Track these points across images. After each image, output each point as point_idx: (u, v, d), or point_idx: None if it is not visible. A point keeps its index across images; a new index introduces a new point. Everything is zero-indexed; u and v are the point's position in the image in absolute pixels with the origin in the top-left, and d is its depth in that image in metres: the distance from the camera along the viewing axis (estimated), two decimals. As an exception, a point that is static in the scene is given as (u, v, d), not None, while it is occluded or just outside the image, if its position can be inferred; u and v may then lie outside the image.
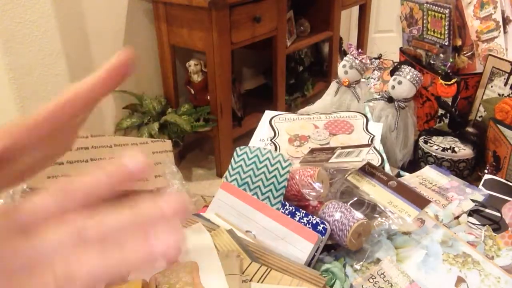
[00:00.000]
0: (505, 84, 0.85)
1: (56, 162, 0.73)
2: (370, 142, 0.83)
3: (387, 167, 0.80)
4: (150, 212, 0.25)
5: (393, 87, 0.87)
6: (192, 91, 2.17)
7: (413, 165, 0.90)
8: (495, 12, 0.91)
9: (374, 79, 1.18)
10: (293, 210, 0.62)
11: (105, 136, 0.82)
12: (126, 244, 0.24)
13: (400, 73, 0.87)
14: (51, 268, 0.23)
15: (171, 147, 0.87)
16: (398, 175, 0.84)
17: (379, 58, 1.19)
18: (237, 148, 0.72)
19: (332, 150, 0.73)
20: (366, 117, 0.90)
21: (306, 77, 2.73)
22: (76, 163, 0.75)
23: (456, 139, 0.88)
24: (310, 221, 0.60)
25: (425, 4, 0.92)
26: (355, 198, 0.67)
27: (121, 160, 0.27)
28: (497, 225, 0.66)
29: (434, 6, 0.90)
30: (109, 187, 0.27)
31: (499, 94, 0.87)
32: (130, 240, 0.24)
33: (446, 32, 0.89)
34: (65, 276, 0.23)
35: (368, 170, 0.72)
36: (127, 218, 0.25)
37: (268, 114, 0.93)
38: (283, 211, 0.63)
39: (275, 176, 0.66)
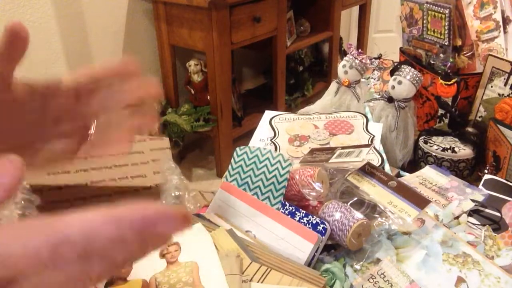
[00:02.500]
0: (505, 84, 0.85)
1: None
2: (370, 142, 0.83)
3: (387, 167, 0.80)
4: None
5: (393, 87, 0.87)
6: (192, 91, 2.17)
7: (413, 165, 0.90)
8: (495, 12, 0.91)
9: (374, 79, 1.18)
10: (293, 210, 0.62)
11: None
12: None
13: (400, 73, 0.87)
14: None
15: (169, 144, 0.88)
16: (398, 175, 0.84)
17: (379, 58, 1.19)
18: (237, 148, 0.72)
19: (332, 150, 0.73)
20: (366, 117, 0.90)
21: (306, 77, 2.73)
22: (75, 160, 0.77)
23: (456, 139, 0.88)
24: (310, 221, 0.60)
25: (425, 4, 0.92)
26: (355, 198, 0.67)
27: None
28: (497, 225, 0.66)
29: (434, 6, 0.90)
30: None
31: (499, 94, 0.87)
32: None
33: (446, 32, 0.89)
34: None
35: (368, 170, 0.72)
36: None
37: (268, 114, 0.93)
38: (283, 211, 0.63)
39: (275, 176, 0.66)
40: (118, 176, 0.77)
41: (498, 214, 0.68)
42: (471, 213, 0.69)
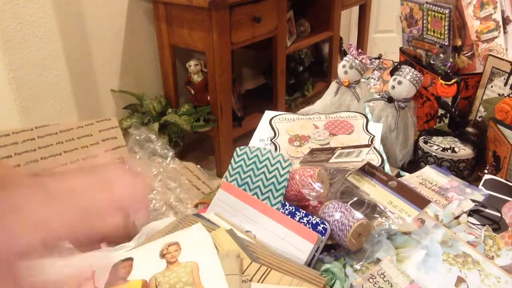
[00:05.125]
0: (505, 84, 0.85)
1: (4, 156, 0.77)
2: (370, 142, 0.83)
3: (387, 167, 0.80)
4: None
5: (393, 87, 0.87)
6: (192, 91, 2.17)
7: (413, 165, 0.90)
8: (495, 12, 0.91)
9: (374, 79, 1.18)
10: (293, 210, 0.62)
11: (50, 125, 0.87)
12: None
13: (400, 73, 0.87)
14: None
15: (117, 123, 0.93)
16: (398, 175, 0.84)
17: (379, 58, 1.19)
18: (237, 148, 0.72)
19: (332, 150, 0.73)
20: (366, 117, 0.90)
21: (306, 77, 2.73)
22: (25, 154, 0.80)
23: (456, 139, 0.88)
24: (310, 221, 0.60)
25: (425, 4, 0.92)
26: (355, 198, 0.67)
27: None
28: (497, 225, 0.66)
29: (434, 6, 0.90)
30: None
31: (499, 94, 0.87)
32: None
33: (446, 32, 0.89)
34: None
35: (368, 170, 0.72)
36: None
37: (268, 114, 0.93)
38: (283, 211, 0.63)
39: (275, 176, 0.66)
40: (69, 160, 0.81)
41: (498, 214, 0.68)
42: (471, 213, 0.69)
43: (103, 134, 0.88)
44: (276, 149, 0.82)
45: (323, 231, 0.59)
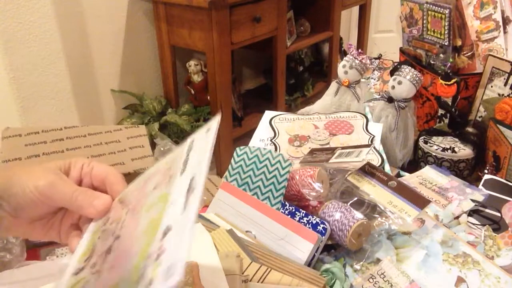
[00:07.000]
0: (505, 84, 0.85)
1: (32, 155, 0.75)
2: (370, 143, 0.83)
3: (387, 167, 0.80)
4: None
5: (393, 87, 0.87)
6: (192, 91, 2.17)
7: (413, 165, 0.90)
8: (495, 12, 0.91)
9: (374, 79, 1.18)
10: (293, 210, 0.62)
11: (79, 126, 0.84)
12: None
13: (400, 73, 0.87)
14: None
15: (145, 131, 0.90)
16: (398, 175, 0.84)
17: (379, 58, 1.19)
18: (237, 148, 0.72)
19: (332, 150, 0.73)
20: (366, 117, 0.90)
21: (306, 77, 2.73)
22: (53, 154, 0.77)
23: (456, 139, 0.88)
24: (310, 221, 0.60)
25: (425, 4, 0.92)
26: (355, 198, 0.67)
27: None
28: (497, 225, 0.66)
29: (434, 6, 0.90)
30: None
31: (499, 94, 0.87)
32: None
33: (446, 32, 0.89)
34: None
35: (368, 170, 0.72)
36: None
37: (268, 114, 0.93)
38: (283, 211, 0.63)
39: (275, 176, 0.66)
40: None
41: (498, 214, 0.68)
42: (471, 213, 0.69)
43: (131, 142, 0.85)
44: (276, 149, 0.82)
45: (323, 231, 0.59)
